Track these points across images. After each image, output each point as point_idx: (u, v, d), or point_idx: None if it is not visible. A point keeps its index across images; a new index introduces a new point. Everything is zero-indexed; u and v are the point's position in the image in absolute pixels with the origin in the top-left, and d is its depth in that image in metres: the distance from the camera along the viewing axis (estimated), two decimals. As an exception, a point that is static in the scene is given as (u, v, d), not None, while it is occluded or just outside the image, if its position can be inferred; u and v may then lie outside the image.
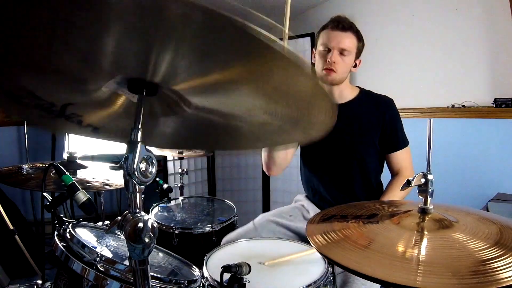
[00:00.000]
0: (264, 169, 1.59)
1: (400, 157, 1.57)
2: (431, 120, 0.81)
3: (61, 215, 1.12)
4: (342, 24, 1.47)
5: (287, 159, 1.57)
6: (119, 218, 0.63)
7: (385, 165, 1.64)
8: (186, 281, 1.03)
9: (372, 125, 1.55)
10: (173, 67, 0.56)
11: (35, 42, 0.49)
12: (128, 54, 0.52)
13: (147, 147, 0.63)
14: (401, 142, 1.57)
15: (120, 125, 0.82)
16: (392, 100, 1.59)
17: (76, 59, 0.54)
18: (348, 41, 1.47)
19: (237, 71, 0.57)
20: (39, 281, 1.25)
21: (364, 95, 1.61)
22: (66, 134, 3.08)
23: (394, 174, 1.60)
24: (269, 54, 0.47)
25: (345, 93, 1.59)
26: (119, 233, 0.67)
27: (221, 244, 1.46)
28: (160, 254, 1.29)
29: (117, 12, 0.40)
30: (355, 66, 1.56)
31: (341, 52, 1.47)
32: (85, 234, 1.14)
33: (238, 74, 0.58)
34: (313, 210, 1.63)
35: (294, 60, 0.48)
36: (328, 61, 1.46)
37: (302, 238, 1.43)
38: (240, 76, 0.59)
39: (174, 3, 0.38)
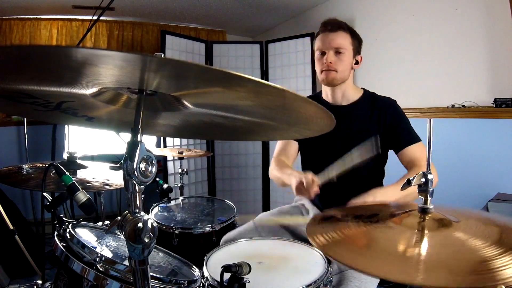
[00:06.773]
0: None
1: (410, 152, 1.49)
2: (431, 120, 0.81)
3: (61, 215, 1.12)
4: (330, 25, 1.51)
5: None
6: (119, 218, 0.63)
7: (385, 166, 1.64)
8: (186, 281, 1.03)
9: (373, 127, 1.54)
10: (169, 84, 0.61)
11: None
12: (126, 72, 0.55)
13: (152, 136, 0.64)
14: (409, 139, 1.51)
15: (116, 116, 0.82)
16: (394, 101, 1.57)
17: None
18: (340, 39, 1.50)
19: (240, 90, 0.60)
20: (39, 281, 1.25)
21: (368, 97, 1.59)
22: (66, 134, 3.08)
23: (408, 169, 1.51)
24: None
25: (348, 94, 1.58)
26: (119, 233, 0.67)
27: (221, 243, 1.47)
28: (160, 254, 1.29)
29: None
30: (357, 63, 1.56)
31: (336, 51, 1.49)
32: (85, 234, 1.14)
33: (240, 93, 0.61)
34: (312, 210, 1.63)
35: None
36: (325, 63, 1.49)
37: (301, 237, 1.43)
38: (242, 95, 0.62)
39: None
